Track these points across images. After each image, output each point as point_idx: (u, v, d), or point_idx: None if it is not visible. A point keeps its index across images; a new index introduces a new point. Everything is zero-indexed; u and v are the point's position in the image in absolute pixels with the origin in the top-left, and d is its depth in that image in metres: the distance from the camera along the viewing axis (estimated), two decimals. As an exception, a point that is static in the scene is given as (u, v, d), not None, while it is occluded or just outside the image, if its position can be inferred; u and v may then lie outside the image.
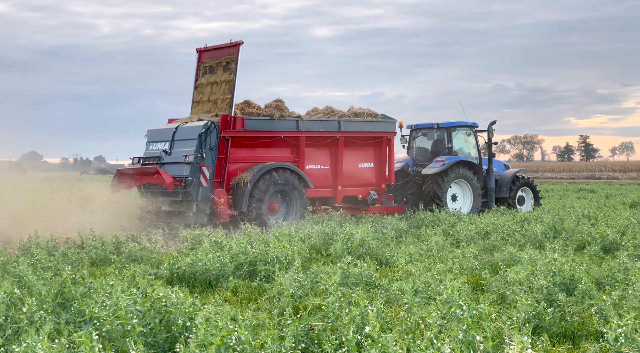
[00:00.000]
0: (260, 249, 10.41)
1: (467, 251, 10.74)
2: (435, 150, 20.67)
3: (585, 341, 6.47)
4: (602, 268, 9.23)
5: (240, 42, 17.24)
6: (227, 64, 17.49)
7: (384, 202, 19.09)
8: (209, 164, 15.97)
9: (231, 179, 16.33)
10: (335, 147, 17.95)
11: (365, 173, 18.70)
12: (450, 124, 20.70)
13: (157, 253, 12.08)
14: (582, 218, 15.54)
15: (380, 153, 18.87)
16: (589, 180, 61.58)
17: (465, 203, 19.97)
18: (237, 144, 16.44)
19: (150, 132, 17.80)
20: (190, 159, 15.84)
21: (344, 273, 8.77)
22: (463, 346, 5.07)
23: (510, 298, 7.68)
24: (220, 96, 17.48)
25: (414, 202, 19.72)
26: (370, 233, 12.56)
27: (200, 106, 18.08)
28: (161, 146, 16.99)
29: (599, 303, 6.72)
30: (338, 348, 5.24)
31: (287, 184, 16.69)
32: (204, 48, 18.45)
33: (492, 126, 20.71)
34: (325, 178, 17.90)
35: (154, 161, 16.86)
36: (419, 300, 7.42)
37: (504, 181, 20.87)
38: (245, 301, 8.40)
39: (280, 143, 17.09)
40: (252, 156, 16.78)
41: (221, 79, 17.58)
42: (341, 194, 18.14)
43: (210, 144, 16.00)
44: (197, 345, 5.11)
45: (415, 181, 20.09)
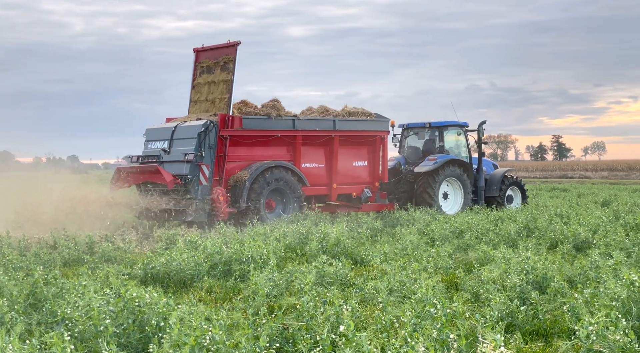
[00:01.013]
0: (235, 248, 10.37)
1: (441, 250, 10.80)
2: (427, 149, 21.07)
3: (558, 339, 6.54)
4: (574, 266, 9.32)
5: (238, 43, 17.49)
6: (225, 64, 17.74)
7: (377, 200, 19.39)
8: (208, 162, 16.18)
9: (229, 178, 16.59)
10: (330, 146, 18.27)
11: (359, 171, 19.04)
12: (442, 124, 21.09)
13: (131, 253, 11.99)
14: (554, 217, 15.70)
15: (373, 151, 19.20)
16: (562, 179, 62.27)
17: (456, 201, 20.36)
18: (235, 142, 16.68)
19: (148, 131, 17.96)
20: (190, 157, 16.04)
21: (319, 272, 8.78)
22: (437, 344, 5.10)
23: (484, 296, 7.74)
24: (218, 96, 17.70)
25: (406, 200, 20.08)
26: (345, 233, 12.58)
27: (198, 105, 18.28)
28: (160, 144, 17.20)
29: (571, 301, 6.78)
30: (312, 348, 5.23)
31: (284, 183, 17.00)
32: (201, 48, 18.68)
33: (482, 126, 21.15)
34: (321, 176, 18.21)
35: (153, 159, 17.04)
36: (394, 299, 7.45)
37: (494, 180, 21.31)
38: (220, 301, 8.37)
39: (277, 141, 17.38)
40: (250, 154, 17.05)
41: (219, 79, 17.80)
42: (336, 192, 18.46)
43: (210, 143, 16.20)
44: (170, 345, 5.08)
45: (407, 179, 20.43)
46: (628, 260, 10.07)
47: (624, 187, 38.67)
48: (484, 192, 20.95)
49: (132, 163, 17.83)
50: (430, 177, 19.76)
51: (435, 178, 19.77)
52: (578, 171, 76.54)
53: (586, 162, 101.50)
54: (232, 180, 16.56)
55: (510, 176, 21.93)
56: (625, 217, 15.26)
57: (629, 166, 75.52)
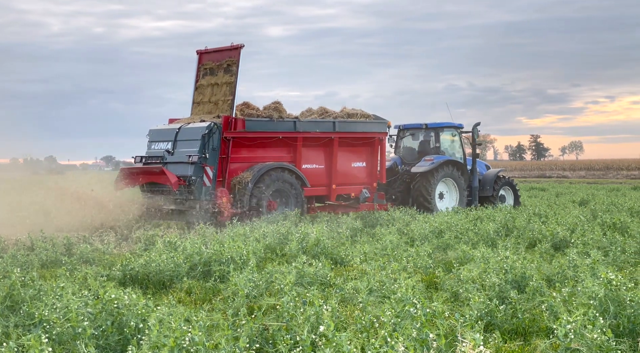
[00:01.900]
0: (214, 249, 10.33)
1: (421, 249, 10.83)
2: (423, 150, 21.42)
3: (536, 337, 6.59)
4: (552, 265, 9.40)
5: (242, 46, 17.72)
6: (228, 66, 17.92)
7: (375, 200, 19.62)
8: (212, 164, 16.40)
9: (232, 179, 16.75)
10: (330, 147, 18.52)
11: (358, 171, 19.33)
12: (438, 125, 21.50)
13: (109, 254, 11.90)
14: (533, 216, 15.83)
15: (372, 152, 19.48)
16: (540, 179, 62.78)
17: (451, 201, 20.71)
18: (238, 144, 16.88)
19: (152, 132, 18.13)
20: (194, 159, 16.27)
21: (299, 272, 8.77)
22: (417, 344, 5.11)
23: (464, 296, 7.78)
24: (221, 98, 17.90)
25: (403, 200, 20.45)
26: (325, 233, 12.58)
27: (201, 107, 18.44)
28: (164, 145, 17.40)
29: (549, 300, 6.84)
30: (293, 348, 5.23)
31: (286, 183, 17.24)
32: (204, 50, 18.82)
33: (477, 127, 21.57)
34: (321, 177, 18.46)
35: (157, 160, 17.27)
36: (374, 298, 7.46)
37: (487, 181, 21.69)
38: (200, 302, 8.33)
39: (278, 143, 17.61)
40: (252, 156, 17.26)
41: (222, 81, 18.00)
42: (335, 193, 18.75)
43: (213, 144, 16.44)
44: (150, 346, 5.05)
45: (404, 179, 20.76)
46: (605, 259, 10.19)
47: (601, 186, 39.07)
48: (478, 192, 21.32)
49: (136, 163, 17.94)
50: (426, 177, 20.08)
51: (431, 178, 20.09)
52: (556, 170, 77.18)
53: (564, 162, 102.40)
54: (235, 181, 16.74)
55: (503, 176, 22.35)
56: (602, 216, 15.41)
57: (606, 165, 76.31)
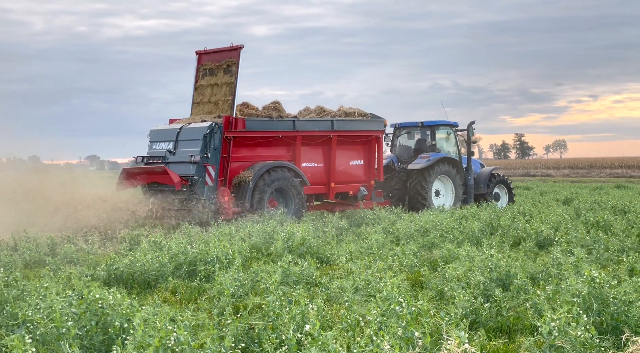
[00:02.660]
0: (200, 249, 10.31)
1: (406, 248, 10.86)
2: (419, 148, 21.66)
3: (521, 335, 6.62)
4: (536, 263, 9.46)
5: (241, 46, 17.86)
6: (228, 67, 18.08)
7: (373, 197, 19.85)
8: (214, 163, 16.56)
9: (233, 178, 16.91)
10: (328, 145, 18.73)
11: (356, 170, 19.58)
12: (434, 123, 21.71)
13: (94, 254, 11.83)
14: (517, 215, 15.91)
15: (369, 150, 19.73)
16: (524, 177, 63.06)
17: (447, 198, 20.97)
18: (239, 144, 17.04)
19: (153, 132, 18.28)
20: (196, 159, 16.45)
21: (285, 271, 8.76)
22: (402, 342, 5.13)
23: (449, 294, 7.80)
24: (221, 98, 18.06)
25: (399, 197, 20.72)
26: (311, 232, 12.58)
27: (201, 107, 18.61)
28: (165, 146, 17.57)
29: (533, 298, 6.87)
30: (278, 347, 5.23)
31: (286, 182, 17.40)
32: (203, 51, 18.95)
33: (472, 126, 21.77)
34: (319, 175, 18.68)
35: (159, 160, 17.42)
36: (359, 297, 7.47)
37: (482, 178, 21.95)
38: (185, 301, 8.31)
39: (278, 142, 17.81)
40: (252, 155, 17.45)
41: (222, 82, 18.17)
42: (334, 191, 18.97)
43: (215, 144, 16.59)
44: (134, 346, 5.03)
45: (401, 177, 21.01)
46: (589, 257, 10.26)
47: (584, 185, 39.32)
48: (472, 190, 21.57)
49: (137, 163, 18.07)
50: (423, 174, 20.32)
51: (428, 176, 20.34)
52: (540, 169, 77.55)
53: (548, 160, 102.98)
54: (236, 180, 16.91)
55: (497, 174, 22.61)
56: (586, 214, 15.51)
57: (590, 164, 76.80)
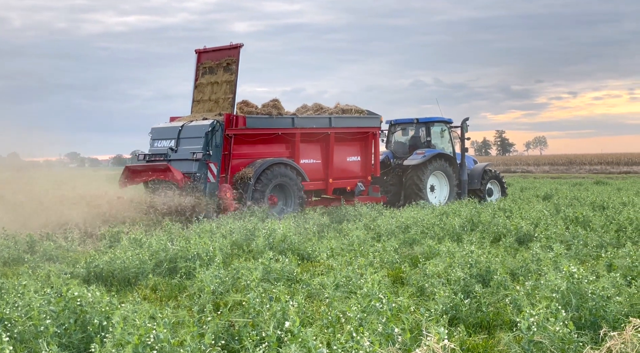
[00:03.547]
0: (180, 246, 10.27)
1: (387, 245, 10.89)
2: (413, 144, 21.92)
3: (500, 331, 6.66)
4: (516, 259, 9.51)
5: (241, 45, 18.12)
6: (228, 65, 18.32)
7: (370, 193, 20.16)
8: (216, 160, 16.82)
9: (234, 175, 17.19)
10: (326, 142, 19.00)
11: (353, 166, 19.87)
12: (429, 120, 21.97)
13: (73, 251, 11.75)
14: (498, 211, 16.00)
15: (366, 147, 20.01)
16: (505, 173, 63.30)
17: (442, 193, 21.24)
18: (239, 141, 17.30)
19: (154, 130, 18.44)
20: (198, 156, 16.69)
21: (266, 268, 8.75)
22: (382, 338, 5.14)
23: (429, 290, 7.83)
24: (221, 96, 18.30)
25: (395, 192, 21.05)
26: (292, 228, 12.57)
27: (201, 105, 18.85)
28: (167, 143, 17.76)
29: (513, 294, 6.92)
30: (258, 344, 5.22)
31: (286, 178, 17.66)
32: (203, 49, 19.17)
33: (466, 122, 22.08)
34: (318, 172, 18.96)
35: (161, 157, 17.65)
36: (340, 294, 7.48)
37: (475, 174, 22.25)
38: (165, 299, 8.27)
39: (277, 139, 18.07)
40: (253, 152, 17.69)
41: (222, 80, 18.40)
42: (332, 187, 19.24)
43: (216, 141, 16.84)
44: (113, 344, 5.00)
45: (396, 172, 21.27)
46: (568, 252, 10.34)
47: (564, 181, 39.64)
48: (466, 185, 21.82)
49: (139, 161, 18.32)
50: (418, 170, 20.60)
51: (423, 171, 20.60)
52: (521, 165, 78.07)
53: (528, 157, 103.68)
54: (237, 177, 17.16)
55: (490, 170, 22.90)
56: (565, 210, 15.63)
57: (569, 160, 77.41)
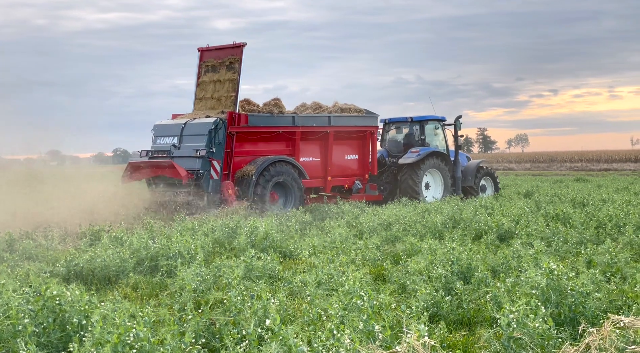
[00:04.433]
0: (162, 244, 10.23)
1: (369, 242, 10.90)
2: (408, 142, 22.12)
3: (481, 327, 6.69)
4: (497, 256, 9.55)
5: (244, 44, 18.46)
6: (231, 63, 18.65)
7: (367, 191, 20.57)
8: (219, 158, 17.14)
9: (236, 172, 17.55)
10: (325, 140, 19.38)
11: (351, 164, 20.32)
12: (423, 118, 22.33)
13: (53, 250, 11.65)
14: (479, 208, 16.06)
15: (364, 145, 20.45)
16: (487, 171, 63.63)
17: (436, 190, 21.50)
18: (241, 139, 17.69)
19: (156, 127, 18.81)
20: (202, 153, 16.98)
21: (247, 266, 8.73)
22: (363, 336, 5.14)
23: (411, 287, 7.85)
24: (224, 94, 18.61)
25: (391, 190, 21.32)
26: (274, 226, 12.55)
27: (204, 103, 19.17)
28: (169, 140, 18.06)
29: (493, 290, 6.95)
30: (239, 342, 5.20)
31: (287, 176, 18.04)
32: (205, 48, 19.48)
33: (459, 120, 22.40)
34: (317, 170, 19.36)
35: (164, 154, 17.88)
36: (322, 291, 7.47)
37: (469, 171, 22.52)
38: (146, 297, 8.23)
39: (278, 137, 18.48)
40: (254, 149, 18.09)
41: (224, 78, 18.71)
42: (330, 184, 19.63)
43: (219, 139, 17.14)
44: (92, 343, 4.96)
45: (392, 171, 21.52)
46: (548, 249, 10.41)
47: (545, 178, 39.90)
48: (460, 182, 22.04)
49: (142, 157, 18.48)
50: (413, 168, 20.83)
51: (418, 169, 20.86)
52: (502, 162, 78.34)
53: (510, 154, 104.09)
54: (240, 174, 17.48)
55: (484, 167, 23.18)
56: (546, 207, 15.73)
57: (550, 157, 77.89)
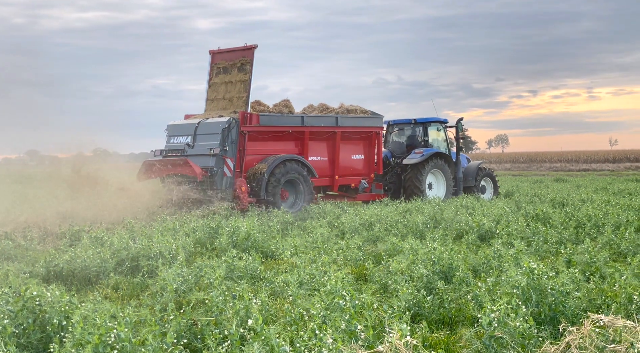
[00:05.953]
0: (143, 244, 10.17)
1: (351, 242, 10.91)
2: (411, 143, 22.64)
3: (462, 326, 6.72)
4: (478, 255, 9.60)
5: (255, 46, 18.97)
6: (242, 65, 19.21)
7: (373, 190, 21.02)
8: (232, 156, 17.57)
9: (248, 169, 17.98)
10: (333, 140, 19.83)
11: (357, 163, 20.77)
12: (426, 120, 22.69)
13: (32, 250, 11.55)
14: (460, 208, 16.16)
15: (369, 145, 20.97)
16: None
17: (439, 190, 21.86)
18: (253, 138, 18.12)
19: (170, 126, 19.31)
20: (216, 151, 17.37)
21: (229, 266, 8.71)
22: (345, 335, 5.15)
23: (392, 287, 7.87)
24: (235, 95, 19.16)
25: (395, 190, 21.78)
26: (256, 226, 12.53)
27: (215, 103, 19.69)
28: (183, 139, 18.54)
29: (474, 290, 6.98)
30: (221, 343, 5.19)
31: (297, 174, 18.42)
32: (217, 50, 20.08)
33: (461, 122, 22.81)
34: (325, 169, 19.81)
35: (178, 153, 18.33)
36: (304, 291, 7.47)
37: (470, 172, 22.95)
38: (127, 298, 8.18)
39: (288, 136, 18.96)
40: (265, 148, 18.52)
41: (236, 79, 19.27)
42: (337, 183, 20.16)
43: (232, 138, 17.59)
44: (73, 344, 4.92)
45: (396, 171, 21.96)
46: (528, 249, 10.48)
47: (525, 178, 40.17)
48: (462, 183, 22.38)
49: (156, 156, 18.95)
50: (417, 168, 21.28)
51: (422, 169, 21.29)
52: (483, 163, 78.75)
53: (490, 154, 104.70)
54: (251, 172, 17.89)
55: (484, 168, 23.53)
56: (526, 207, 15.85)
57: (530, 157, 78.52)
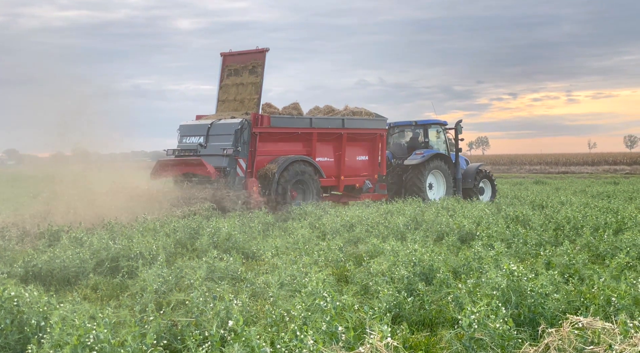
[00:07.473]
0: (122, 244, 10.11)
1: (332, 243, 10.91)
2: (412, 145, 23.06)
3: (442, 328, 6.74)
4: (458, 257, 9.64)
5: (267, 49, 19.44)
6: (254, 67, 19.70)
7: (377, 190, 21.51)
8: (244, 156, 18.04)
9: (259, 170, 18.39)
10: (339, 142, 20.36)
11: (362, 164, 21.24)
12: (426, 122, 23.12)
13: (11, 250, 11.43)
14: (441, 210, 16.21)
15: (374, 147, 21.38)
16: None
17: (439, 191, 22.20)
18: (264, 139, 18.55)
19: (182, 127, 19.77)
20: (229, 152, 17.86)
21: (210, 267, 8.68)
22: (326, 337, 5.15)
23: (373, 288, 7.88)
24: (247, 96, 19.63)
25: (396, 191, 22.05)
26: (237, 227, 12.50)
27: (227, 105, 20.17)
28: (196, 139, 18.98)
29: (455, 292, 7.01)
30: (202, 344, 5.17)
31: (306, 174, 18.91)
32: (228, 53, 20.60)
33: (460, 124, 23.14)
34: (331, 169, 20.28)
35: (190, 153, 18.75)
36: (284, 292, 7.46)
37: (469, 173, 23.24)
38: (106, 298, 8.12)
39: (297, 138, 19.45)
40: (275, 149, 18.95)
41: (247, 81, 19.77)
42: (343, 184, 20.64)
43: (244, 139, 18.06)
44: (51, 345, 4.88)
45: (397, 172, 22.33)
46: (508, 251, 10.54)
47: (505, 180, 40.40)
48: (461, 184, 22.70)
49: (168, 155, 19.37)
50: (418, 169, 21.69)
51: (422, 170, 21.69)
52: (464, 165, 79.12)
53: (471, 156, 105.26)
54: (262, 172, 18.31)
55: (482, 170, 23.77)
56: (506, 209, 15.94)
57: (510, 160, 78.99)
